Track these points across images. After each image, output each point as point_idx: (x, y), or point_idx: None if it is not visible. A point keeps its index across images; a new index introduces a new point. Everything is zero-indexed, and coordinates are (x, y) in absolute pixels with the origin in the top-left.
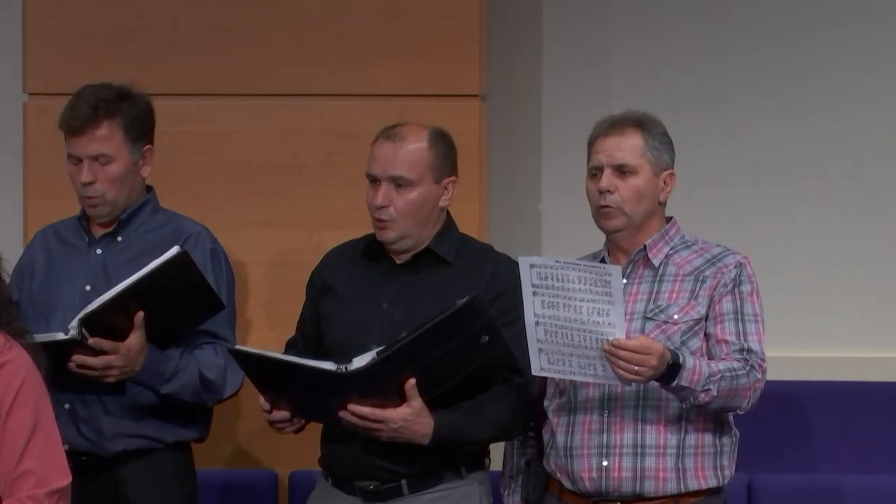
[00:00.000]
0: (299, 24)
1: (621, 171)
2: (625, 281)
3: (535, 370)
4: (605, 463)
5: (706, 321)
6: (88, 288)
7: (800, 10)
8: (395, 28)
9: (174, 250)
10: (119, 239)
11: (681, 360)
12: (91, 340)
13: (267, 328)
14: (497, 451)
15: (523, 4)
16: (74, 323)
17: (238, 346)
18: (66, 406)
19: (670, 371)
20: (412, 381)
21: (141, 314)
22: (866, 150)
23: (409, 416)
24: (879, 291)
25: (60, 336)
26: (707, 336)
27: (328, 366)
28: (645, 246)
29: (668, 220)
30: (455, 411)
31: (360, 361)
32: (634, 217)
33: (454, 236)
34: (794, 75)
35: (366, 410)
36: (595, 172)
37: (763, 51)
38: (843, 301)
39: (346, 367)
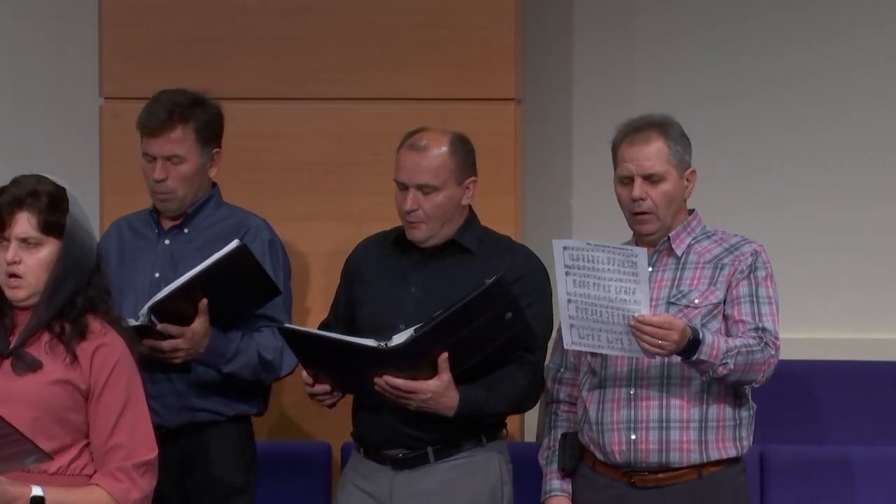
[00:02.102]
0: (348, 34)
1: (651, 179)
2: (650, 269)
3: (567, 345)
4: (633, 437)
5: (724, 304)
6: (157, 275)
7: (809, 14)
8: (436, 37)
9: (234, 243)
10: (186, 231)
11: (700, 335)
12: (160, 326)
13: (324, 313)
14: (530, 424)
15: (554, 15)
16: (144, 311)
17: (287, 325)
18: None
19: (691, 346)
20: (445, 354)
21: (205, 301)
22: (874, 141)
23: (439, 389)
24: (884, 278)
25: (132, 322)
26: (725, 318)
27: (370, 342)
28: (669, 237)
29: (691, 212)
30: (477, 387)
31: (398, 339)
32: (667, 220)
33: (476, 229)
34: (804, 75)
35: (399, 382)
36: (626, 181)
37: (773, 53)
38: (850, 286)
39: (386, 344)
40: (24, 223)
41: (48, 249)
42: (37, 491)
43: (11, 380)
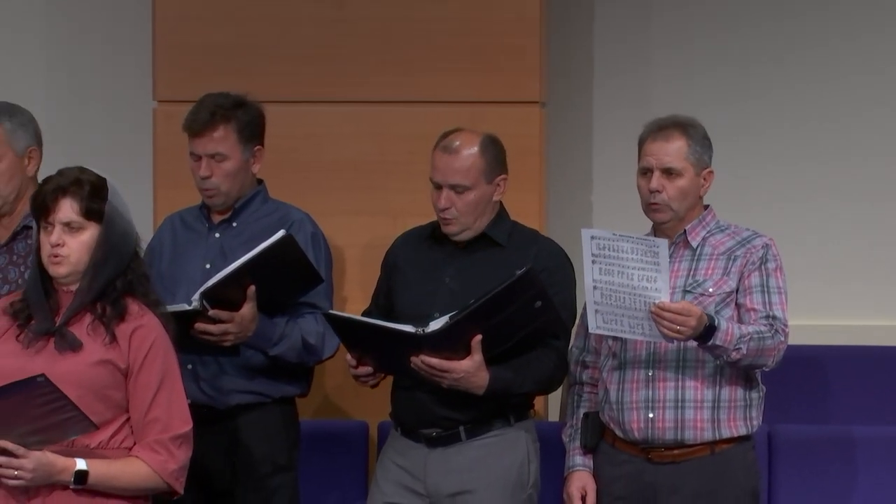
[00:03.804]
0: (383, 42)
1: (668, 173)
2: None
3: (592, 329)
4: (650, 415)
5: (736, 294)
6: (208, 266)
7: (820, 19)
8: (465, 44)
9: (280, 233)
10: (234, 225)
11: (716, 322)
12: (211, 311)
13: (361, 301)
14: (554, 405)
15: (576, 23)
16: (196, 296)
17: (332, 311)
18: (189, 367)
19: (707, 332)
20: (478, 336)
21: (252, 288)
22: (879, 140)
23: (470, 369)
24: (886, 269)
25: (185, 307)
26: (738, 306)
27: (408, 328)
28: (685, 230)
29: (706, 207)
30: (506, 368)
31: (435, 325)
32: (680, 212)
33: (506, 223)
34: (812, 77)
35: (434, 361)
36: (645, 172)
37: (785, 55)
38: (854, 277)
39: (423, 330)
40: (68, 209)
41: (89, 233)
42: (81, 465)
43: (55, 361)
